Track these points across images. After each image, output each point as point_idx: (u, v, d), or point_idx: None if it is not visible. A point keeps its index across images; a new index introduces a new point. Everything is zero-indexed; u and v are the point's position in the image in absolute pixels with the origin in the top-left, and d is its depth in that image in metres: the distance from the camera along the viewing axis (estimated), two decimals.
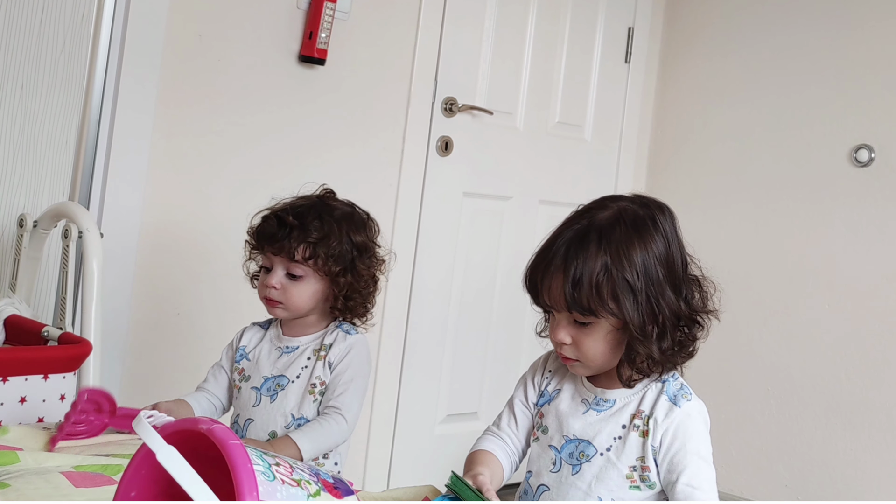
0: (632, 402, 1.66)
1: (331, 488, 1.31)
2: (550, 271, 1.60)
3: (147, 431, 1.17)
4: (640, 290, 1.57)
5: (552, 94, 4.04)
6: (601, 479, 1.64)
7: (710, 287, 1.67)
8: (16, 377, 2.20)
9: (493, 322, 3.85)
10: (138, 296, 2.94)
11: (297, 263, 2.10)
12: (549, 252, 1.61)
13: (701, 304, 1.65)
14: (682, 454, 1.61)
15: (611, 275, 1.57)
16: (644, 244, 1.60)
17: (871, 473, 3.75)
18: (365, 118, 3.43)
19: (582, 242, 1.58)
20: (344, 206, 2.20)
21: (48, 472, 1.69)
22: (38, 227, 2.64)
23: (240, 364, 2.21)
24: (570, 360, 1.65)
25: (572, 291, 1.57)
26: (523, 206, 3.96)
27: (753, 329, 4.06)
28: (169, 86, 2.94)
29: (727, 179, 4.19)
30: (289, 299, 2.12)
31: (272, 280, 2.12)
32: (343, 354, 2.14)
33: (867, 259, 3.81)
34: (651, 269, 1.59)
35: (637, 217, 1.62)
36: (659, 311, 1.59)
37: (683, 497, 1.59)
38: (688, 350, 1.65)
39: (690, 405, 1.64)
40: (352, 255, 2.14)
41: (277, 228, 2.10)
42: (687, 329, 1.63)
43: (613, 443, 1.64)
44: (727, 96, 4.21)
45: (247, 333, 2.25)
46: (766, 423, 4.00)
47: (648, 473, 1.63)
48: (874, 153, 3.81)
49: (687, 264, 1.65)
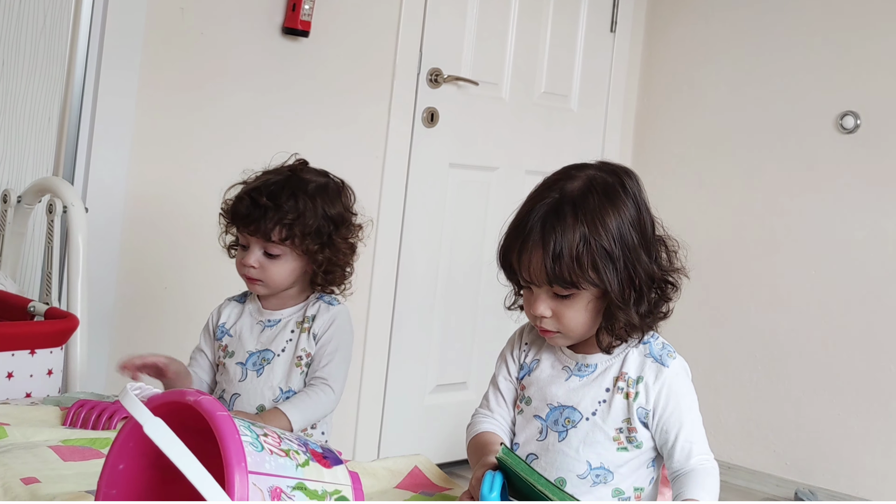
0: (613, 364, 1.67)
1: (320, 458, 1.31)
2: (528, 247, 1.59)
3: (134, 404, 1.17)
4: (617, 257, 1.58)
5: (538, 64, 4.03)
6: (588, 443, 1.65)
7: (675, 245, 1.67)
8: (2, 352, 2.19)
9: (482, 292, 3.85)
10: (124, 270, 2.94)
11: (274, 243, 2.08)
12: (524, 228, 1.60)
13: (668, 263, 1.66)
14: (678, 413, 1.63)
15: (589, 245, 1.56)
16: (617, 210, 1.60)
17: (858, 438, 3.77)
18: (350, 90, 3.41)
19: (557, 215, 1.58)
20: (317, 177, 2.17)
21: (36, 446, 1.69)
22: (23, 203, 2.63)
23: (222, 341, 2.20)
24: (549, 332, 1.65)
25: (553, 265, 1.56)
26: (510, 176, 3.95)
27: (740, 295, 4.07)
28: (152, 60, 2.93)
29: (713, 147, 4.19)
30: (268, 277, 2.11)
31: (249, 260, 2.10)
32: (327, 326, 2.14)
33: (853, 225, 3.82)
34: (626, 235, 1.59)
35: (607, 184, 1.62)
36: (636, 275, 1.59)
37: (683, 454, 1.61)
38: (662, 311, 1.66)
39: (677, 363, 1.66)
40: (328, 230, 2.12)
41: (252, 209, 2.07)
42: (661, 291, 1.64)
43: (598, 406, 1.65)
44: (713, 64, 4.21)
45: (224, 310, 2.24)
46: (754, 390, 4.02)
47: (635, 434, 1.64)
48: (860, 120, 3.81)
49: (654, 225, 1.66)
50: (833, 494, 3.79)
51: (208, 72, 3.06)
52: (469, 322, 3.88)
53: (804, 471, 3.89)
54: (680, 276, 1.67)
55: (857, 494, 3.76)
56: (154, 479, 1.30)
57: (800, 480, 3.88)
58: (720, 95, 4.18)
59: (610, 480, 1.64)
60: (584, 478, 1.64)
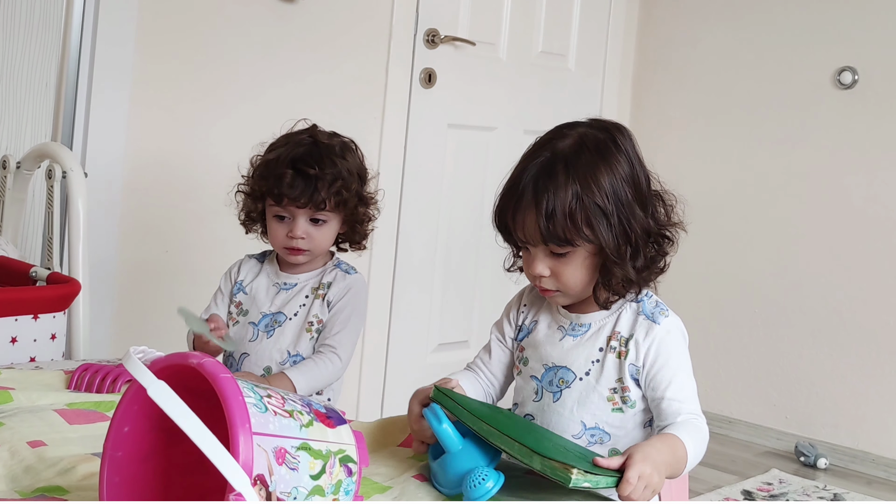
0: (607, 324, 1.67)
1: (323, 418, 1.32)
2: (522, 207, 1.59)
3: (137, 367, 1.17)
4: (611, 213, 1.58)
5: (535, 24, 4.01)
6: (582, 403, 1.65)
7: (672, 199, 1.67)
8: (5, 318, 2.21)
9: (482, 250, 3.86)
10: (125, 235, 2.94)
11: (323, 211, 2.11)
12: (518, 188, 1.60)
13: (666, 217, 1.66)
14: (666, 370, 1.62)
15: (582, 202, 1.56)
16: (609, 167, 1.59)
17: (857, 391, 3.79)
18: (347, 51, 3.40)
19: (550, 174, 1.58)
20: (335, 138, 2.19)
21: (42, 409, 1.70)
22: (22, 169, 2.63)
23: (237, 297, 2.22)
24: (549, 291, 1.65)
25: (547, 224, 1.56)
26: (508, 136, 3.95)
27: (739, 250, 4.08)
28: (148, 23, 2.92)
29: (711, 103, 4.18)
30: (315, 245, 2.13)
31: (298, 231, 2.11)
32: (342, 294, 2.16)
33: (850, 181, 3.82)
34: (619, 191, 1.59)
35: (599, 141, 1.62)
36: (631, 230, 1.59)
37: (671, 411, 1.60)
38: (659, 266, 1.66)
39: (669, 321, 1.65)
40: (357, 185, 2.15)
41: (302, 182, 2.08)
42: (657, 245, 1.64)
43: (592, 366, 1.65)
44: (710, 21, 4.19)
45: (244, 266, 2.25)
46: (754, 344, 4.04)
47: (628, 394, 1.64)
48: (857, 75, 3.81)
49: (649, 181, 1.66)
50: (833, 447, 3.81)
51: (205, 34, 3.05)
52: (470, 281, 3.89)
53: (804, 424, 3.91)
54: (677, 231, 1.67)
55: (857, 447, 3.79)
56: (159, 441, 1.31)
57: (800, 433, 3.91)
58: (717, 52, 4.16)
59: (606, 441, 1.65)
60: (579, 438, 1.65)
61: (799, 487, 3.49)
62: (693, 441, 1.56)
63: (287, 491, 1.20)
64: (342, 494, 1.29)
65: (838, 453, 3.79)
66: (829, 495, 3.43)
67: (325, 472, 1.26)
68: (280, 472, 1.20)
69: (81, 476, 1.45)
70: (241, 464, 1.15)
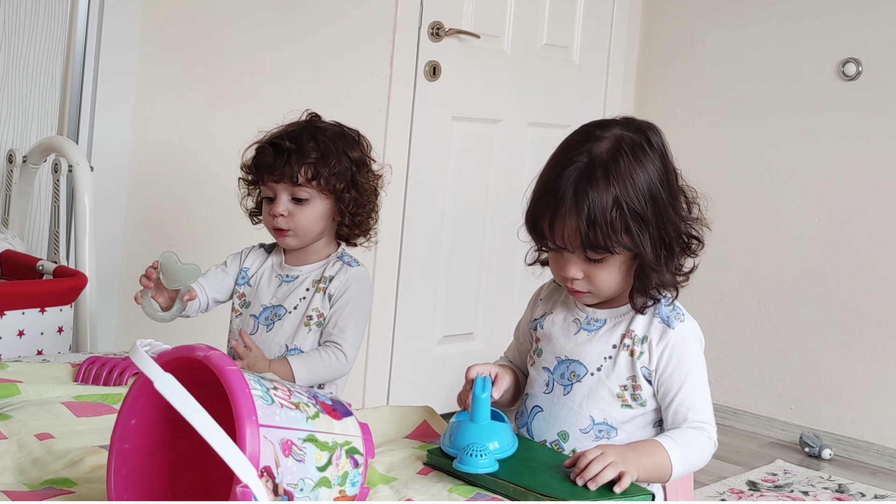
0: (622, 321, 1.67)
1: (329, 410, 1.32)
2: (562, 213, 1.57)
3: (144, 359, 1.18)
4: (650, 219, 1.57)
5: (539, 16, 4.01)
6: (592, 398, 1.65)
7: (694, 194, 1.68)
8: (13, 311, 2.21)
9: (487, 243, 3.86)
10: (131, 228, 2.95)
11: (301, 186, 2.10)
12: (556, 194, 1.57)
13: (688, 212, 1.66)
14: (678, 375, 1.62)
15: (622, 209, 1.55)
16: (646, 170, 1.58)
17: (862, 381, 3.79)
18: (352, 44, 3.41)
19: (590, 180, 1.56)
20: (333, 126, 2.21)
21: (49, 402, 1.71)
22: (28, 163, 2.63)
23: (241, 288, 2.22)
24: (580, 292, 1.65)
25: (588, 231, 1.55)
26: (513, 128, 3.95)
27: (744, 242, 4.08)
28: (153, 16, 2.92)
29: (716, 95, 4.18)
30: (298, 224, 2.12)
31: (278, 208, 2.11)
32: (344, 288, 2.15)
33: (855, 172, 3.82)
34: (656, 194, 1.58)
35: (635, 143, 1.61)
36: (665, 234, 1.59)
37: (679, 418, 1.61)
38: (689, 268, 1.66)
39: (684, 326, 1.65)
40: (351, 171, 2.14)
41: (275, 156, 2.09)
42: (687, 247, 1.64)
43: (604, 363, 1.66)
44: (714, 12, 4.19)
45: (252, 254, 2.25)
46: (759, 335, 4.04)
47: (640, 392, 1.64)
48: (861, 67, 3.80)
49: (678, 176, 1.66)
50: (838, 438, 3.82)
51: (210, 26, 3.05)
52: (475, 273, 3.89)
53: (809, 415, 3.92)
54: (701, 228, 1.67)
55: (861, 438, 3.79)
56: (166, 433, 1.31)
57: (805, 424, 3.91)
58: (722, 44, 4.16)
59: (613, 436, 1.65)
60: (586, 432, 1.65)
61: (804, 478, 3.49)
62: (682, 450, 1.56)
63: (294, 483, 1.21)
64: (348, 486, 1.30)
65: (843, 444, 3.80)
66: (834, 486, 3.44)
67: (331, 463, 1.27)
68: (287, 464, 1.20)
69: (89, 468, 1.45)
70: (248, 456, 1.15)
